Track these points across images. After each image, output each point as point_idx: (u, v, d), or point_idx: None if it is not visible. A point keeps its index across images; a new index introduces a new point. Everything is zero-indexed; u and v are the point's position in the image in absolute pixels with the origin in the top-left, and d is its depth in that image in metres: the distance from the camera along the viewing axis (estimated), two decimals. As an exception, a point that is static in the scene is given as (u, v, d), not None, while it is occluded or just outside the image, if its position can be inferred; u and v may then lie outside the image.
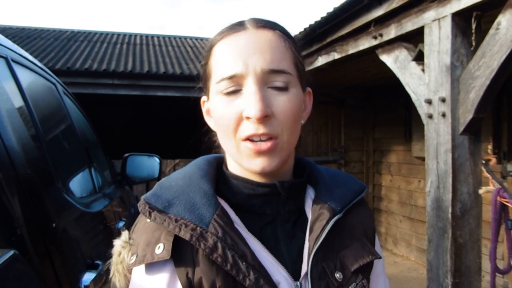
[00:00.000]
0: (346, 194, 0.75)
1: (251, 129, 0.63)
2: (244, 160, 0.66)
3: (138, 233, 0.68)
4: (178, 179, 0.71)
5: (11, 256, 0.83)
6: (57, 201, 1.29)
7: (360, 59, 3.71)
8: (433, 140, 2.41)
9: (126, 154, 2.68)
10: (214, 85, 0.67)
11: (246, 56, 0.63)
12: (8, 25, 9.64)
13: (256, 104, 0.61)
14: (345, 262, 0.68)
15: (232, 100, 0.64)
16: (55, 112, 1.81)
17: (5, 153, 1.00)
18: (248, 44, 0.65)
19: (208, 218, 0.63)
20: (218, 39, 0.68)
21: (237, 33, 0.66)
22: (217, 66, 0.67)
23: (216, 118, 0.68)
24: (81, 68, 6.02)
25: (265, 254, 0.65)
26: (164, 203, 0.65)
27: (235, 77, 0.64)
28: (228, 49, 0.66)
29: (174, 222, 0.62)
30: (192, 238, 0.60)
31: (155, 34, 10.54)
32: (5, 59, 1.28)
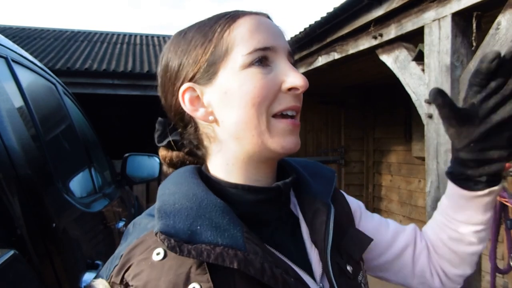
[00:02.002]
0: (325, 183, 0.73)
1: (292, 101, 0.62)
2: (276, 139, 0.60)
3: (146, 276, 0.53)
4: (181, 199, 0.59)
5: (11, 256, 0.83)
6: (57, 201, 1.29)
7: (360, 59, 3.71)
8: (433, 140, 2.41)
9: (126, 154, 2.68)
10: (239, 58, 0.60)
11: (276, 35, 0.63)
12: (8, 25, 9.64)
13: (300, 75, 0.61)
14: (350, 253, 0.66)
15: (267, 73, 0.60)
16: (55, 112, 1.81)
17: (5, 153, 1.00)
18: (273, 25, 0.65)
19: (241, 239, 0.54)
20: (236, 16, 0.63)
21: (257, 15, 0.64)
22: (246, 38, 0.61)
23: (245, 94, 0.59)
24: (81, 68, 6.02)
25: (289, 263, 0.60)
26: (186, 232, 0.53)
27: (268, 50, 0.61)
28: (258, 24, 0.62)
29: (213, 252, 0.52)
30: (240, 265, 0.51)
31: (155, 34, 10.55)
32: (5, 59, 1.28)
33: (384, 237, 0.80)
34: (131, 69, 6.34)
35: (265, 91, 0.59)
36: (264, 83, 0.59)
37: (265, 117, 0.60)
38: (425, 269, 0.80)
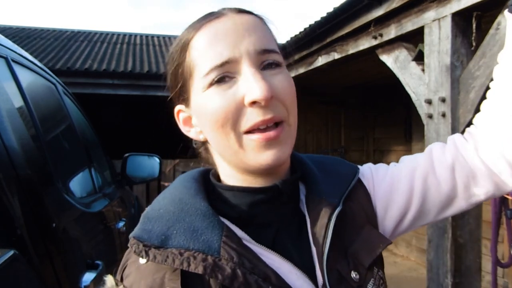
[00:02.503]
0: (340, 182, 0.68)
1: (257, 116, 0.55)
2: (251, 156, 0.57)
3: (132, 279, 0.56)
4: (167, 205, 0.60)
5: (11, 256, 0.83)
6: (57, 201, 1.29)
7: (360, 59, 3.71)
8: (433, 140, 2.41)
9: (126, 154, 2.68)
10: (200, 80, 0.58)
11: (236, 40, 0.57)
12: (8, 25, 9.64)
13: (261, 84, 0.54)
14: (358, 259, 0.62)
15: (226, 89, 0.56)
16: (55, 112, 1.81)
17: (5, 153, 1.00)
18: (234, 27, 0.58)
19: (216, 243, 0.54)
20: (195, 32, 0.60)
21: (218, 20, 0.59)
22: (202, 57, 0.57)
23: (208, 115, 0.58)
24: (81, 68, 6.03)
25: (287, 267, 0.58)
26: (160, 237, 0.54)
27: (227, 64, 0.56)
28: (212, 36, 0.57)
29: (180, 257, 0.52)
30: (206, 270, 0.51)
31: (155, 34, 10.55)
32: (5, 59, 1.28)
33: (400, 192, 0.70)
34: (131, 69, 6.34)
35: (223, 112, 0.56)
36: (221, 103, 0.56)
37: (234, 136, 0.57)
38: (468, 184, 0.67)
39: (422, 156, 0.72)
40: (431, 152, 0.72)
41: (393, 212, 0.70)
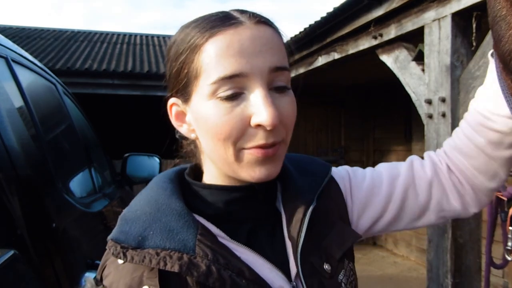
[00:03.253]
0: (314, 180, 0.71)
1: (260, 139, 0.56)
2: (245, 169, 0.59)
3: (112, 278, 0.58)
4: (143, 206, 0.62)
5: (11, 256, 0.83)
6: (57, 201, 1.29)
7: (360, 59, 3.71)
8: (433, 140, 2.41)
9: (126, 154, 2.68)
10: (205, 87, 0.57)
11: (251, 55, 0.56)
12: (8, 25, 9.64)
13: (270, 110, 0.54)
14: (330, 252, 0.65)
15: (234, 106, 0.56)
16: (55, 112, 1.81)
17: (5, 153, 1.00)
18: (250, 41, 0.57)
19: (191, 242, 0.56)
20: (209, 35, 0.58)
21: (235, 29, 0.57)
22: (213, 64, 0.56)
23: (209, 126, 0.58)
24: (81, 68, 6.03)
25: (260, 261, 0.60)
26: (137, 238, 0.56)
27: (237, 77, 0.55)
28: (227, 46, 0.56)
29: (156, 256, 0.54)
30: (181, 268, 0.53)
31: (155, 34, 10.55)
32: (5, 59, 1.28)
33: (380, 197, 0.74)
34: (131, 69, 6.34)
35: (228, 128, 0.56)
36: (227, 120, 0.56)
37: (233, 150, 0.58)
38: (440, 200, 0.74)
39: (404, 166, 0.77)
40: (412, 165, 0.77)
41: (370, 213, 0.74)
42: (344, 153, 6.48)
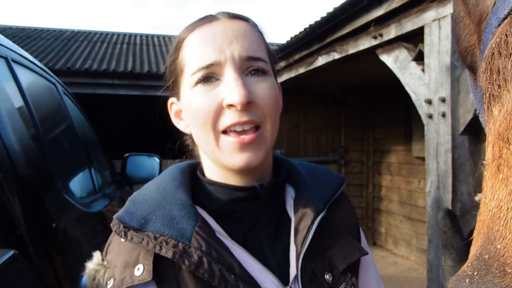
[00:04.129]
0: (326, 189, 0.72)
1: (233, 118, 0.60)
2: (226, 156, 0.62)
3: (113, 254, 0.63)
4: (152, 191, 0.66)
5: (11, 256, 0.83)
6: (57, 201, 1.29)
7: (360, 59, 3.71)
8: (433, 140, 2.41)
9: (126, 154, 2.68)
10: (188, 78, 0.63)
11: (223, 44, 0.61)
12: (8, 25, 9.64)
13: (239, 89, 0.58)
14: (333, 262, 0.66)
15: (210, 90, 0.61)
16: (55, 112, 1.81)
17: (5, 153, 1.00)
18: (223, 32, 0.62)
19: (189, 232, 0.59)
20: (188, 32, 0.65)
21: (210, 23, 0.63)
22: (192, 57, 0.63)
23: (192, 112, 0.63)
24: (81, 68, 6.02)
25: (252, 262, 0.62)
26: (140, 220, 0.61)
27: (212, 66, 0.60)
28: (202, 38, 0.62)
29: (154, 240, 0.58)
30: (175, 255, 0.56)
31: (155, 34, 10.55)
32: (5, 59, 1.28)
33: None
34: (131, 69, 6.34)
35: (205, 110, 0.61)
36: (203, 102, 0.61)
37: (213, 134, 0.61)
38: None
39: None
40: None
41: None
42: (344, 153, 6.48)
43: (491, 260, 0.30)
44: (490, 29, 0.38)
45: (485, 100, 0.37)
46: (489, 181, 0.34)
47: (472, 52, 0.48)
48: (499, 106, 0.34)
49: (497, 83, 0.35)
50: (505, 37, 0.34)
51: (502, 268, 0.29)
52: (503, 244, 0.30)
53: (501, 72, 0.34)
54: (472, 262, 0.32)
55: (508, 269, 0.29)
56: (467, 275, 0.31)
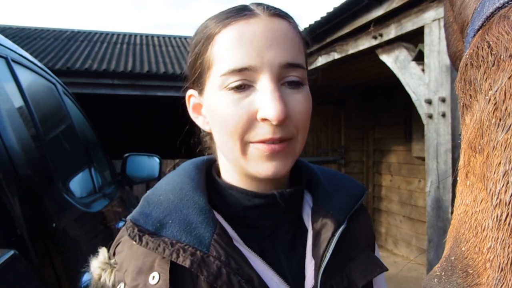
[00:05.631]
0: (347, 200, 0.68)
1: (267, 133, 0.55)
2: (252, 164, 0.57)
3: (123, 256, 0.59)
4: (168, 192, 0.61)
5: (11, 256, 0.83)
6: (57, 201, 1.29)
7: (360, 59, 3.71)
8: (433, 140, 2.41)
9: (126, 154, 2.68)
10: (216, 78, 0.57)
11: (262, 48, 0.55)
12: (8, 25, 9.64)
13: (277, 104, 0.53)
14: (352, 278, 0.61)
15: (242, 98, 0.55)
16: (55, 112, 1.81)
17: (5, 153, 1.00)
18: (263, 33, 0.55)
19: (207, 239, 0.55)
20: (221, 26, 0.57)
21: (248, 20, 0.56)
22: (223, 56, 0.56)
23: (219, 118, 0.57)
24: (81, 68, 6.02)
25: (269, 274, 0.58)
26: (155, 224, 0.56)
27: (247, 70, 0.54)
28: (238, 37, 0.55)
29: (170, 247, 0.54)
30: (193, 265, 0.52)
31: (155, 34, 10.55)
32: (5, 59, 1.28)
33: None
34: (131, 69, 6.34)
35: (235, 120, 0.55)
36: (234, 111, 0.55)
37: (240, 144, 0.57)
38: None
39: None
40: None
41: None
42: (344, 153, 6.48)
43: (456, 261, 0.32)
44: (467, 39, 0.38)
45: (460, 108, 0.38)
46: (459, 187, 0.35)
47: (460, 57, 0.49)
48: (470, 115, 0.35)
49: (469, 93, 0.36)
50: (476, 49, 0.35)
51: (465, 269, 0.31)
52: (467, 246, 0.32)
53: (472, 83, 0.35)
54: (442, 263, 0.34)
55: (470, 270, 0.31)
56: (436, 275, 0.33)
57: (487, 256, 0.30)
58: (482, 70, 0.34)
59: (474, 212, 0.33)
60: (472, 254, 0.32)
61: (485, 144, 0.32)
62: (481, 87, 0.34)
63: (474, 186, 0.33)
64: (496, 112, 0.32)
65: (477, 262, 0.31)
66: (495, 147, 0.31)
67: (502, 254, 0.29)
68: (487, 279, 0.29)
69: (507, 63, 0.32)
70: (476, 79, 0.35)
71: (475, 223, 0.32)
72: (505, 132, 0.31)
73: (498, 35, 0.34)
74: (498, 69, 0.33)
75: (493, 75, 0.33)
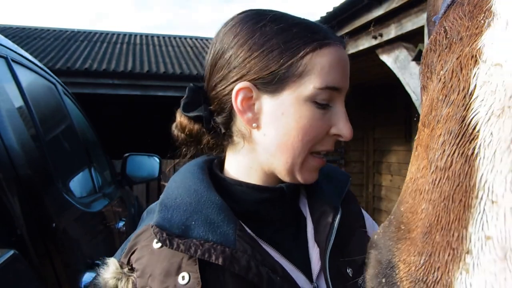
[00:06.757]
0: (339, 186, 0.74)
1: (330, 145, 0.66)
2: (305, 173, 0.65)
3: (145, 262, 0.59)
4: (183, 195, 0.63)
5: (11, 256, 0.83)
6: (57, 201, 1.29)
7: (360, 59, 3.71)
8: (433, 140, 2.41)
9: (126, 154, 2.68)
10: (309, 88, 0.60)
11: (346, 74, 0.65)
12: (8, 25, 9.64)
13: (349, 126, 0.65)
14: (352, 256, 0.67)
15: (324, 114, 0.63)
16: (55, 112, 1.81)
17: (5, 153, 1.00)
18: (346, 62, 0.66)
19: (232, 236, 0.58)
20: (317, 46, 0.61)
21: (340, 47, 0.65)
22: (325, 72, 0.61)
23: (293, 124, 0.61)
24: (81, 68, 6.03)
25: (284, 262, 0.63)
26: (180, 227, 0.58)
27: (336, 91, 0.63)
28: (338, 60, 0.64)
29: (201, 247, 0.56)
30: (225, 261, 0.55)
31: (155, 34, 10.55)
32: (5, 59, 1.28)
33: None
34: (131, 69, 6.34)
35: (316, 132, 0.62)
36: (318, 125, 0.62)
37: (304, 153, 0.63)
38: None
39: None
40: None
41: None
42: (344, 153, 6.48)
43: (394, 219, 0.38)
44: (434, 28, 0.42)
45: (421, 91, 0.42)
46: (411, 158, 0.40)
47: None
48: (426, 95, 0.39)
49: (427, 75, 0.40)
50: (435, 35, 0.39)
51: (399, 226, 0.37)
52: (404, 208, 0.37)
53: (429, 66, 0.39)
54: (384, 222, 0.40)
55: (402, 226, 0.36)
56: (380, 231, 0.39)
57: (420, 216, 0.34)
58: (437, 53, 0.38)
59: (416, 178, 0.37)
60: (408, 214, 0.36)
61: (432, 119, 0.36)
62: (435, 68, 0.37)
63: (420, 156, 0.37)
64: (444, 89, 0.35)
65: (411, 221, 0.36)
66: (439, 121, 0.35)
67: (432, 212, 0.33)
68: (416, 234, 0.34)
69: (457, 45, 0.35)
70: (432, 62, 0.38)
71: (415, 188, 0.36)
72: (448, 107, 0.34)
73: (453, 20, 0.37)
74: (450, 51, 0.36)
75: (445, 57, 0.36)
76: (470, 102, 0.32)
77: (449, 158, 0.32)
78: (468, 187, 0.31)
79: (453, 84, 0.34)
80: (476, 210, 0.30)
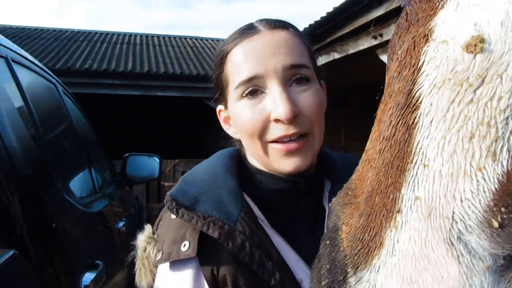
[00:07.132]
0: None
1: (280, 131, 0.64)
2: (274, 162, 0.66)
3: (163, 229, 0.69)
4: (202, 173, 0.71)
5: (11, 256, 0.83)
6: (57, 201, 1.29)
7: (360, 59, 3.71)
8: (433, 140, 2.41)
9: (126, 154, 2.68)
10: (232, 92, 0.67)
11: (264, 57, 0.64)
12: (8, 25, 9.64)
13: (285, 104, 0.62)
14: None
15: (256, 103, 0.65)
16: (55, 112, 1.81)
17: (5, 153, 1.00)
18: (264, 45, 0.65)
19: (235, 216, 0.63)
20: (231, 46, 0.68)
21: (251, 37, 0.67)
22: (235, 72, 0.67)
23: (239, 124, 0.68)
24: (81, 68, 6.03)
25: (288, 252, 0.66)
26: (191, 200, 0.66)
27: (254, 79, 0.64)
28: (244, 53, 0.66)
29: (202, 220, 0.62)
30: (220, 236, 0.61)
31: (155, 34, 10.55)
32: (5, 59, 1.28)
33: None
34: (131, 69, 6.34)
35: (251, 125, 0.65)
36: (250, 117, 0.65)
37: (260, 144, 0.66)
38: None
39: None
40: None
41: None
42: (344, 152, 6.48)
43: (346, 185, 0.42)
44: None
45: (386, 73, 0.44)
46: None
47: None
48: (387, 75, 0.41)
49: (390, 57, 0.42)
50: (400, 19, 0.41)
51: (347, 191, 0.40)
52: (354, 176, 0.40)
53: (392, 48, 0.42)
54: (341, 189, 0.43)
55: (349, 192, 0.40)
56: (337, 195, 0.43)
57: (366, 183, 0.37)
58: (398, 35, 0.40)
59: (368, 149, 0.39)
60: (356, 181, 0.39)
61: (386, 95, 0.39)
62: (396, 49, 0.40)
63: (374, 129, 0.40)
64: (398, 67, 0.37)
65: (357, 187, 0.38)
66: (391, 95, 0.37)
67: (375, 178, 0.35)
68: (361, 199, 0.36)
69: (414, 26, 0.38)
70: (394, 44, 0.41)
71: (365, 158, 0.39)
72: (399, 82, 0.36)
73: (413, 4, 0.39)
74: (407, 32, 0.39)
75: (403, 37, 0.39)
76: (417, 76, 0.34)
77: (394, 128, 0.35)
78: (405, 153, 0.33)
79: (406, 61, 0.36)
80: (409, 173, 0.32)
